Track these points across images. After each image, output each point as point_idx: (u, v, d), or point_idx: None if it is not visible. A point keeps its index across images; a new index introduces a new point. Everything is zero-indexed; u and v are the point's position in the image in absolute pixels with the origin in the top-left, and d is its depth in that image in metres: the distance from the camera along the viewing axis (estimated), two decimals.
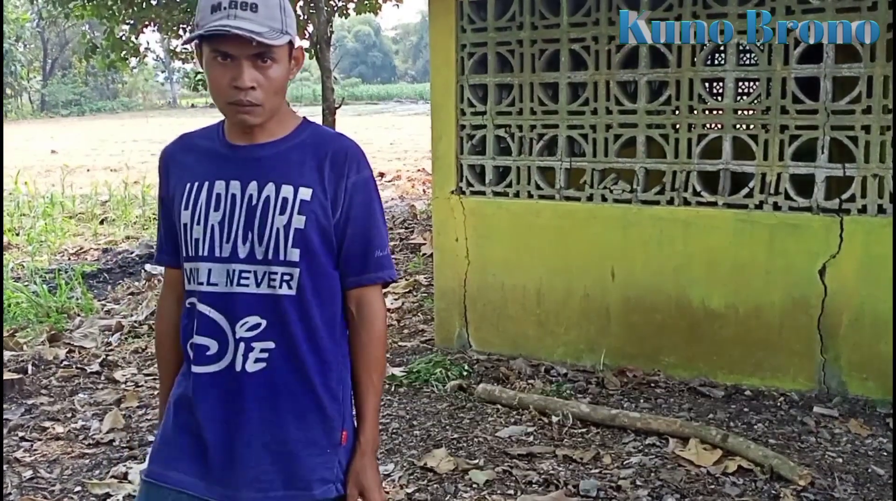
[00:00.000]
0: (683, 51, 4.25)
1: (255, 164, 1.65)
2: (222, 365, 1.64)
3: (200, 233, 1.64)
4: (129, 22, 10.42)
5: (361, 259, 1.69)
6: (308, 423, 1.66)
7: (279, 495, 1.65)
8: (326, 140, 1.70)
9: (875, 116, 3.89)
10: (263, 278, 1.62)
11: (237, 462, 1.65)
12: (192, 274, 1.67)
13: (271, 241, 1.62)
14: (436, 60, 4.90)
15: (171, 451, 1.70)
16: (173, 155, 1.75)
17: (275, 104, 1.64)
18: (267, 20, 1.56)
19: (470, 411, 4.10)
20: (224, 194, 1.64)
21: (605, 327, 4.60)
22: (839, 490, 3.22)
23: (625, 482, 3.33)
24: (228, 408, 1.65)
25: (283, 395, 1.64)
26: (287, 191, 1.63)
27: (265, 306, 1.63)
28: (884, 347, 3.98)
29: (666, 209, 4.38)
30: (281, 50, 1.60)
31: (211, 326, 1.64)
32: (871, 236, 3.95)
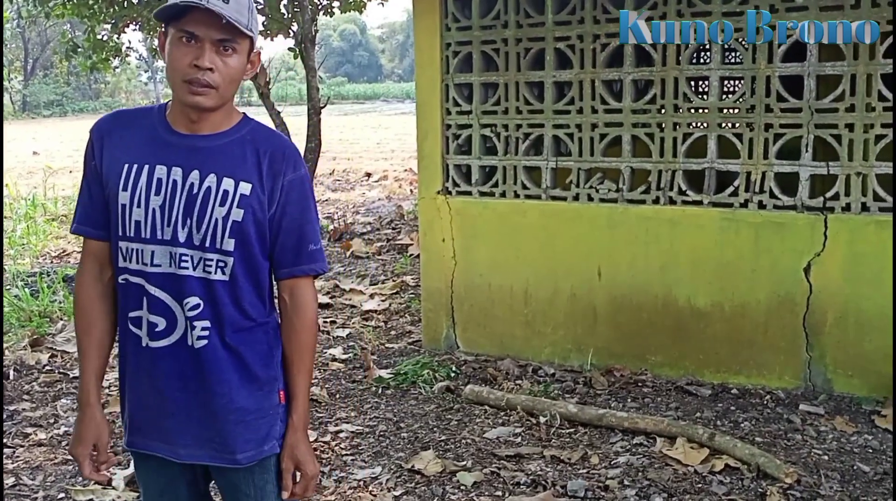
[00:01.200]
0: (668, 49, 4.26)
1: (198, 153, 1.73)
2: (173, 340, 1.76)
3: (142, 216, 1.72)
4: (111, 21, 10.34)
5: (295, 252, 1.81)
6: (249, 391, 1.80)
7: (233, 457, 1.81)
8: (266, 138, 1.79)
9: (859, 114, 3.91)
10: (199, 263, 1.73)
11: (204, 427, 1.79)
12: (132, 253, 1.74)
13: (209, 230, 1.72)
14: (420, 59, 4.88)
15: (140, 420, 1.84)
16: (109, 131, 1.79)
17: (227, 94, 1.72)
18: (235, 13, 1.65)
19: (457, 412, 4.09)
20: (165, 179, 1.71)
21: (592, 326, 4.60)
22: (825, 488, 3.23)
23: (612, 482, 3.33)
24: (181, 378, 1.77)
25: (223, 368, 1.77)
26: (228, 184, 1.72)
27: (201, 288, 1.74)
28: (868, 344, 4.00)
29: (652, 208, 4.38)
30: (243, 44, 1.70)
31: (159, 304, 1.74)
32: (856, 235, 3.97)
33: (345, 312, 6.00)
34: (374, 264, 7.56)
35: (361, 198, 12.20)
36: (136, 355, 1.80)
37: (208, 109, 1.71)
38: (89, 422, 1.84)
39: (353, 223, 9.65)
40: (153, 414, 1.82)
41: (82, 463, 1.85)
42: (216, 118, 1.75)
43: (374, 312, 5.96)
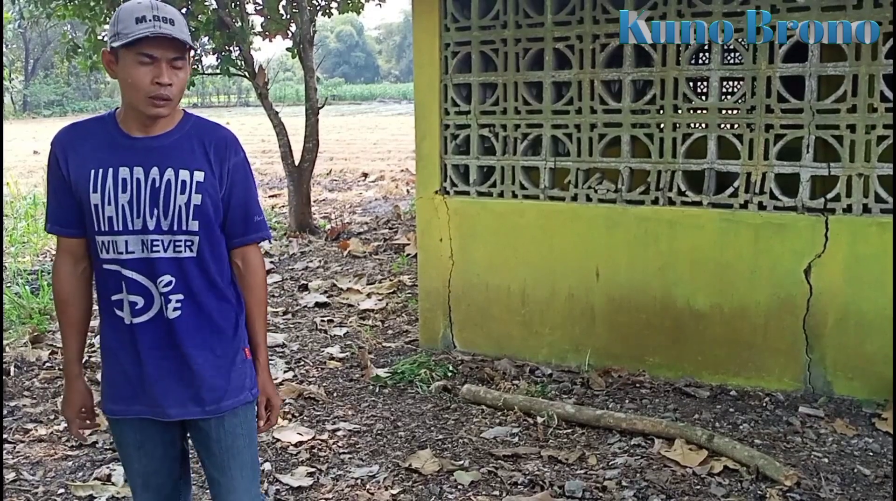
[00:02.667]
0: (668, 50, 4.24)
1: (154, 152, 2.01)
2: (151, 315, 2.03)
3: (113, 212, 1.98)
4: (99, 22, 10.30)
5: (243, 224, 2.12)
6: (222, 350, 2.10)
7: (217, 407, 2.09)
8: (209, 131, 2.08)
9: (860, 115, 3.89)
10: (170, 245, 2.01)
11: (183, 386, 2.07)
12: (108, 245, 2.01)
13: (175, 215, 2.00)
14: (419, 59, 4.86)
15: (123, 388, 2.09)
16: (70, 142, 2.04)
17: (177, 102, 2.01)
18: (181, 33, 1.94)
19: (455, 412, 4.07)
20: (129, 179, 1.98)
21: (590, 327, 4.58)
22: (825, 491, 3.21)
23: (610, 482, 3.30)
24: (163, 346, 2.05)
25: (197, 332, 2.06)
26: (185, 174, 2.00)
27: (173, 266, 2.02)
28: (869, 347, 3.98)
29: (651, 209, 4.36)
30: (186, 58, 1.99)
31: (136, 286, 2.02)
32: (857, 236, 3.95)
33: (342, 311, 5.98)
34: (371, 263, 7.54)
35: (358, 198, 12.17)
36: (120, 332, 2.06)
37: (165, 116, 2.00)
38: (75, 391, 2.17)
39: (350, 223, 9.63)
40: (138, 383, 2.07)
41: (71, 423, 2.20)
42: (164, 120, 2.02)
43: (371, 311, 5.93)
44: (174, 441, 2.20)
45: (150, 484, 2.19)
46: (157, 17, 1.91)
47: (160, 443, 2.16)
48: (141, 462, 2.16)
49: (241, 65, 9.03)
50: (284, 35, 9.42)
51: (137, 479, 2.19)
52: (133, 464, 2.18)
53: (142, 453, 2.15)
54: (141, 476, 2.18)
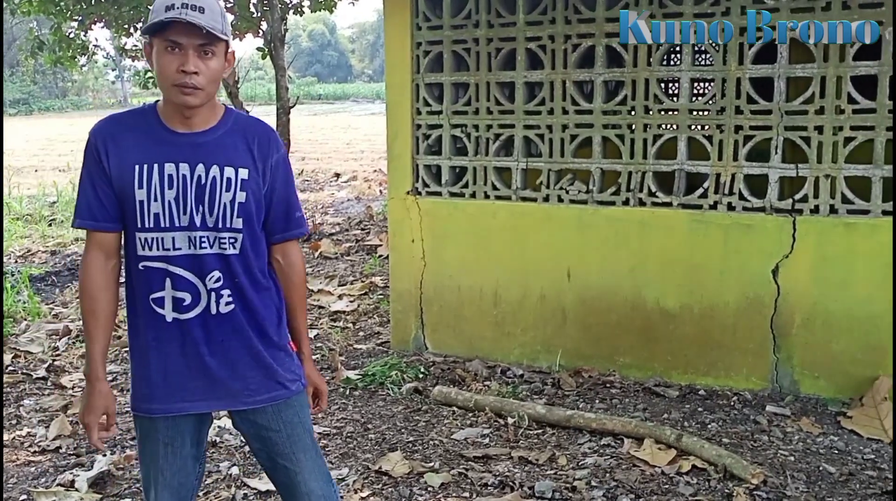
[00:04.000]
0: (639, 51, 4.26)
1: (198, 149, 2.00)
2: (198, 311, 2.03)
3: (160, 208, 1.97)
4: (78, 18, 10.16)
5: (285, 220, 2.14)
6: (268, 342, 2.12)
7: (266, 397, 2.12)
8: (251, 126, 2.09)
9: (828, 117, 3.94)
10: (215, 241, 2.01)
11: (227, 380, 2.08)
12: (152, 242, 1.99)
13: (220, 213, 2.00)
14: (391, 59, 4.84)
15: (160, 387, 2.07)
16: (112, 134, 2.01)
17: (211, 92, 1.98)
18: (211, 20, 1.91)
19: (426, 413, 4.05)
20: (175, 175, 1.97)
21: (562, 327, 4.59)
22: (791, 489, 3.24)
23: (580, 482, 3.31)
24: (212, 341, 2.05)
25: (246, 326, 2.08)
26: (230, 172, 2.00)
27: (219, 263, 2.03)
28: (835, 346, 4.03)
29: (622, 210, 4.38)
30: (220, 46, 1.96)
31: (184, 282, 2.01)
32: (823, 237, 3.99)
33: (313, 312, 5.93)
34: (342, 264, 7.49)
35: (330, 198, 12.10)
36: (160, 330, 2.04)
37: (196, 107, 1.97)
38: (98, 394, 2.07)
39: (321, 224, 9.57)
40: (181, 379, 2.07)
41: (91, 430, 2.09)
42: (205, 114, 2.01)
43: (342, 313, 5.90)
44: (201, 440, 2.21)
45: (171, 483, 2.16)
46: (185, 4, 1.89)
47: (189, 441, 2.15)
48: (167, 459, 2.14)
49: None
50: (255, 33, 9.35)
51: (159, 477, 2.15)
52: (158, 461, 2.14)
53: (169, 451, 2.14)
54: (164, 475, 2.15)
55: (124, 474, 3.48)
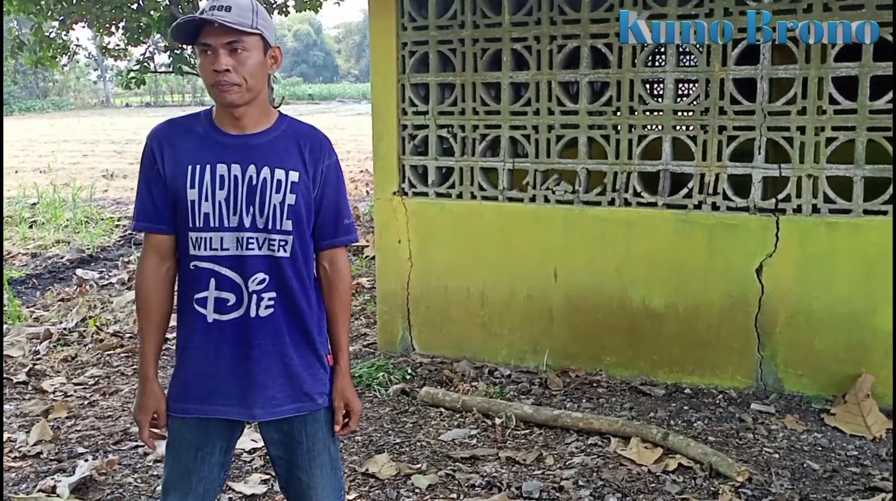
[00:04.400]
0: (624, 52, 4.28)
1: (250, 151, 2.02)
2: (240, 313, 2.03)
3: (210, 208, 1.99)
4: (59, 18, 10.07)
5: (333, 226, 2.13)
6: (304, 352, 2.10)
7: (291, 408, 2.09)
8: (304, 132, 2.10)
9: (810, 117, 3.97)
10: (264, 243, 2.02)
11: (257, 386, 2.06)
12: (202, 242, 2.01)
13: (270, 214, 2.00)
14: (376, 59, 4.83)
15: (197, 388, 2.08)
16: (168, 137, 2.05)
17: (252, 87, 1.97)
18: (238, 17, 1.92)
19: (413, 415, 4.05)
20: (227, 176, 1.99)
21: (548, 327, 4.60)
22: (776, 486, 3.26)
23: (567, 482, 3.32)
24: (247, 345, 2.04)
25: (285, 332, 2.07)
26: (280, 174, 2.01)
27: (267, 265, 2.02)
28: (818, 344, 4.07)
29: (607, 210, 4.39)
30: (250, 41, 1.95)
31: (229, 283, 2.02)
32: (806, 236, 4.03)
33: None
34: None
35: None
36: (201, 331, 2.05)
37: (239, 104, 1.97)
38: (150, 394, 2.10)
39: None
40: (217, 382, 2.07)
41: (142, 428, 2.12)
42: (255, 116, 2.03)
43: None
44: (230, 449, 2.18)
45: (197, 489, 2.13)
46: (213, 6, 1.91)
47: (218, 448, 2.14)
48: (196, 463, 2.12)
49: (194, 63, 8.89)
50: None
51: (186, 481, 2.12)
52: (188, 464, 2.12)
53: (199, 455, 2.12)
54: (191, 479, 2.12)
55: (107, 479, 3.46)
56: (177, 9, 8.45)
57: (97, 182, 13.92)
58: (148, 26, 8.66)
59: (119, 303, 6.39)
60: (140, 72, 9.33)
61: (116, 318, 5.97)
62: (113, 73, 26.12)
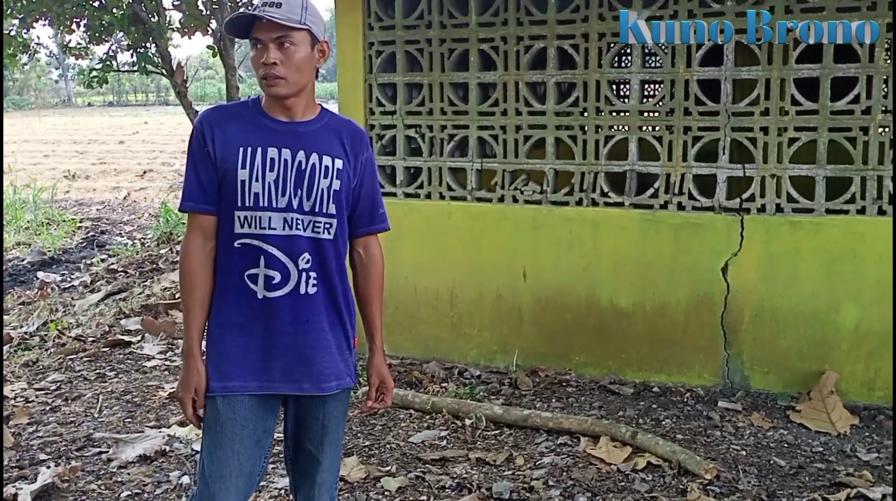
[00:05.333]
0: (590, 52, 4.30)
1: (300, 137, 2.11)
2: (287, 290, 2.10)
3: (260, 188, 2.06)
4: (19, 16, 9.87)
5: (370, 214, 2.24)
6: (337, 332, 2.19)
7: (333, 384, 2.17)
8: (345, 124, 2.20)
9: (773, 118, 4.03)
10: (309, 225, 2.10)
11: (305, 360, 2.13)
12: (250, 220, 2.08)
13: (317, 198, 2.09)
14: (343, 59, 4.80)
15: (240, 365, 2.12)
16: (218, 121, 2.13)
17: (298, 80, 2.06)
18: (287, 13, 2.01)
19: (382, 417, 4.03)
20: (277, 159, 2.08)
21: (518, 327, 4.61)
22: (743, 483, 3.30)
23: (537, 482, 3.32)
24: (297, 321, 2.11)
25: (324, 311, 2.14)
26: (328, 160, 2.11)
27: (311, 245, 2.11)
28: (783, 342, 4.12)
29: (575, 210, 4.41)
30: (298, 36, 2.03)
31: (276, 261, 2.09)
32: (770, 235, 4.08)
33: None
34: None
35: None
36: (250, 307, 2.11)
37: (284, 96, 2.06)
38: (192, 371, 2.13)
39: None
40: (262, 358, 2.12)
41: (186, 406, 2.16)
42: (303, 107, 2.12)
43: None
44: (270, 431, 2.22)
45: (245, 469, 2.14)
46: (266, 2, 2.01)
47: (262, 429, 2.17)
48: (244, 443, 2.14)
49: (158, 62, 8.76)
50: (204, 32, 9.20)
51: (234, 462, 2.13)
52: (235, 445, 2.13)
53: (246, 433, 2.14)
54: (240, 459, 2.13)
55: (69, 486, 3.38)
56: (139, 7, 8.33)
57: (59, 183, 13.69)
58: (110, 24, 8.51)
59: (81, 306, 6.28)
60: (102, 70, 9.17)
61: (79, 321, 5.87)
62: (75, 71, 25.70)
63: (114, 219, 11.35)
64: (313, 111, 2.16)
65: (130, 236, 9.96)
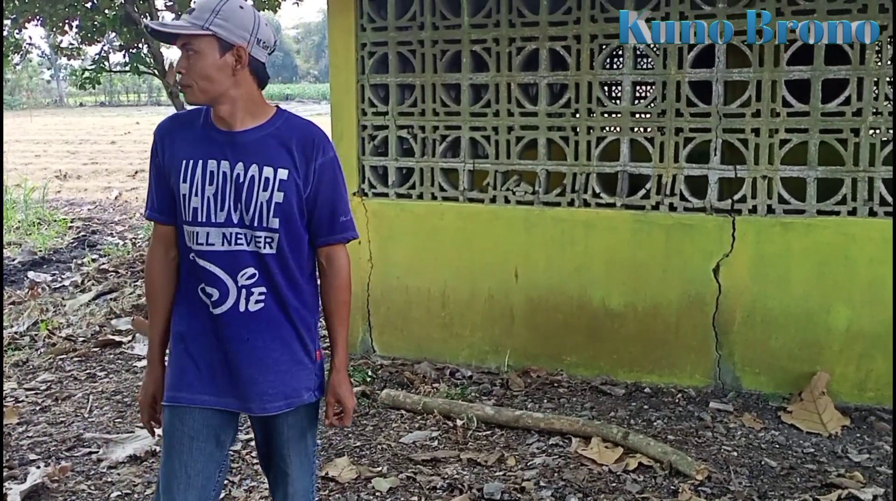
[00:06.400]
0: (582, 54, 4.30)
1: (239, 148, 2.04)
2: (226, 308, 2.05)
3: (198, 203, 2.02)
4: (11, 16, 9.84)
5: (329, 224, 2.13)
6: (294, 348, 2.12)
7: (280, 404, 2.11)
8: (297, 129, 2.09)
9: (764, 119, 4.04)
10: (251, 239, 2.04)
11: (247, 380, 2.08)
12: (192, 235, 2.05)
13: (256, 212, 2.02)
14: (335, 60, 4.80)
15: (191, 377, 2.10)
16: (169, 131, 2.11)
17: (207, 88, 1.98)
18: (193, 20, 1.95)
19: (373, 417, 4.03)
20: (216, 172, 2.03)
21: (509, 328, 4.60)
22: (734, 483, 3.30)
23: (528, 483, 3.32)
24: (237, 340, 2.07)
25: (275, 327, 2.09)
26: (268, 172, 2.02)
27: (255, 260, 2.05)
28: (774, 342, 4.13)
29: (567, 211, 4.42)
30: (201, 43, 1.96)
31: (212, 277, 2.05)
32: (762, 236, 4.09)
33: None
34: None
35: None
36: (204, 320, 2.09)
37: (197, 104, 2.03)
38: (150, 377, 2.19)
39: None
40: (212, 372, 2.09)
41: (143, 412, 2.21)
42: (240, 115, 2.04)
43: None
44: (225, 443, 2.19)
45: (195, 482, 2.12)
46: (188, 10, 2.04)
47: (213, 441, 2.14)
48: (192, 455, 2.12)
49: (150, 62, 8.74)
50: None
51: (183, 474, 2.11)
52: (182, 456, 2.11)
53: (194, 445, 2.12)
54: (188, 471, 2.11)
55: (59, 486, 3.37)
56: (132, 8, 8.30)
57: (50, 183, 13.63)
58: (103, 25, 8.48)
59: (72, 306, 6.25)
60: (95, 71, 9.14)
61: (69, 321, 5.84)
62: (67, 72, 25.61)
63: (105, 219, 11.31)
64: (257, 118, 2.06)
65: (121, 236, 9.92)
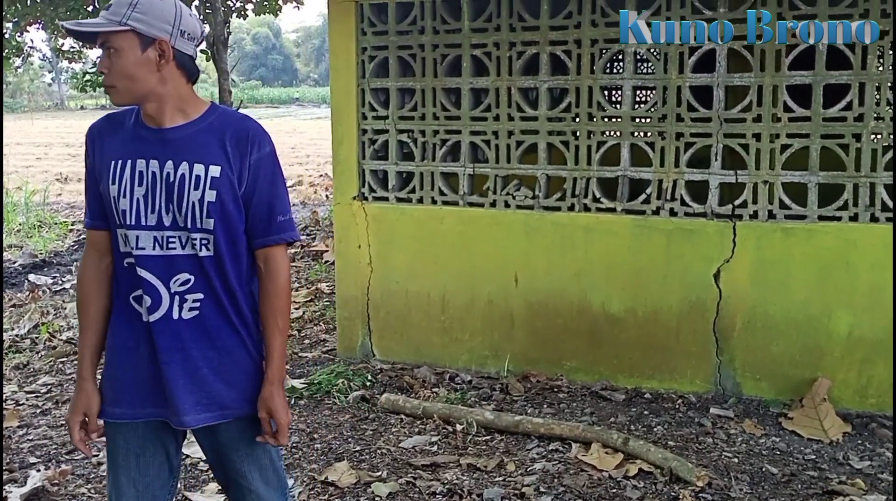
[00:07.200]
0: (583, 58, 4.30)
1: (168, 145, 1.92)
2: (160, 315, 1.94)
3: (127, 205, 1.91)
4: (13, 20, 9.86)
5: (266, 224, 1.98)
6: (235, 357, 2.00)
7: (214, 414, 1.99)
8: (231, 123, 1.96)
9: (765, 124, 4.03)
10: (186, 242, 1.93)
11: (179, 391, 1.95)
12: (124, 239, 1.94)
13: (188, 212, 1.90)
14: (336, 63, 4.79)
15: (129, 390, 1.99)
16: (100, 132, 2.01)
17: (131, 87, 1.88)
18: (110, 16, 1.85)
19: (373, 422, 4.01)
20: (145, 172, 1.91)
21: (509, 332, 4.60)
22: (735, 490, 3.29)
23: (528, 489, 3.31)
24: (173, 348, 1.95)
25: (213, 335, 1.97)
26: (199, 169, 1.90)
27: (191, 264, 1.93)
28: (775, 348, 4.12)
29: (567, 215, 4.41)
30: (119, 40, 1.85)
31: (145, 283, 1.93)
32: (763, 241, 4.08)
33: None
34: None
35: None
36: (136, 330, 1.97)
37: (122, 104, 1.93)
38: (81, 393, 2.02)
39: None
40: (153, 384, 1.97)
41: (72, 430, 2.03)
42: (170, 112, 1.93)
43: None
44: (172, 454, 2.08)
45: (144, 497, 2.04)
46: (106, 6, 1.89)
47: (162, 452, 2.05)
48: (140, 470, 2.03)
49: None
50: None
51: (131, 490, 2.03)
52: (130, 473, 2.02)
53: (141, 461, 2.02)
54: (136, 487, 2.03)
55: (59, 490, 3.37)
56: None
57: (51, 186, 13.63)
58: None
59: (72, 309, 6.24)
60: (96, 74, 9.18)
61: (70, 324, 5.83)
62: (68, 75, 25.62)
63: None
64: (187, 115, 1.95)
65: None
